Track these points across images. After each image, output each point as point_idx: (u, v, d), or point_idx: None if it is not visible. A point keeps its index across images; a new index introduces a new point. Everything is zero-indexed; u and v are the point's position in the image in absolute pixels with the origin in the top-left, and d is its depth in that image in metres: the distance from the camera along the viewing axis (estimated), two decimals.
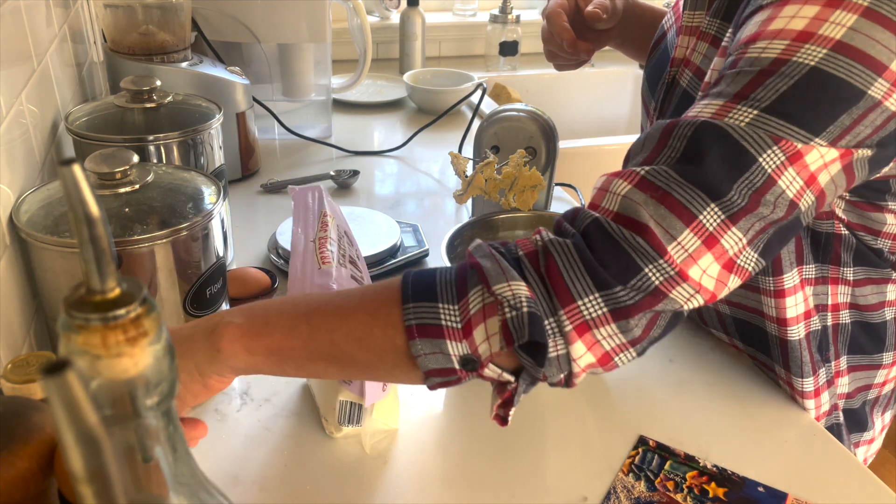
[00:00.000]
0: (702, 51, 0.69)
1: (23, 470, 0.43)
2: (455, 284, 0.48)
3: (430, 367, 0.47)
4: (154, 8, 1.00)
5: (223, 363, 0.50)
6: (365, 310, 0.49)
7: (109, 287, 0.26)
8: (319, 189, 0.69)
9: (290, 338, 0.49)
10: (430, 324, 0.47)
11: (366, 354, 0.49)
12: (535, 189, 0.83)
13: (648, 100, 0.81)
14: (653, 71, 0.81)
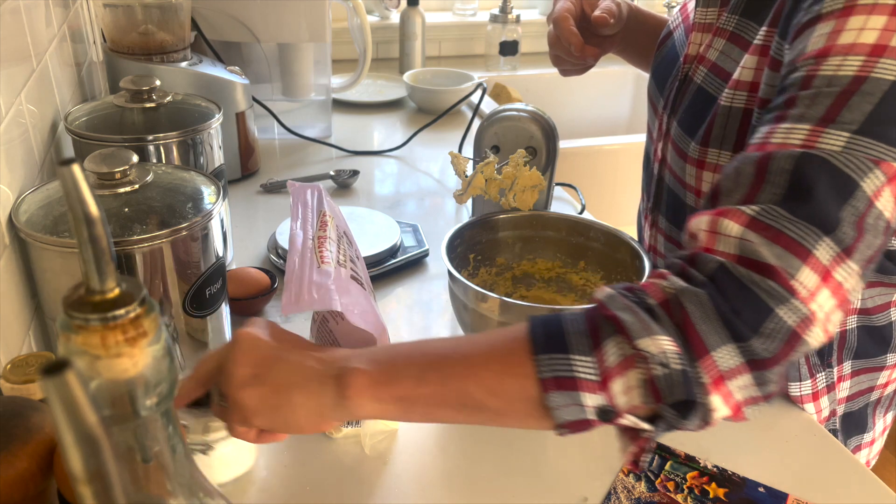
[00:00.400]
0: (718, 47, 0.69)
1: (22, 470, 0.43)
2: (588, 335, 0.47)
3: (565, 419, 0.47)
4: (154, 8, 1.00)
5: (349, 410, 0.49)
6: (496, 360, 0.49)
7: (109, 287, 0.26)
8: (319, 188, 0.69)
9: (419, 386, 0.49)
10: (565, 376, 0.46)
11: (497, 403, 0.49)
12: (535, 189, 0.82)
13: (657, 98, 0.82)
14: (660, 69, 0.82)
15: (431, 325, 0.84)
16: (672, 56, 0.79)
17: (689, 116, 0.72)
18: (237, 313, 0.81)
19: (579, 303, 0.82)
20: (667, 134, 0.76)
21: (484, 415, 0.50)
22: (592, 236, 0.83)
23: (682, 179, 0.74)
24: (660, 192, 0.81)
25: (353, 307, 0.57)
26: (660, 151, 0.79)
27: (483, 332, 0.53)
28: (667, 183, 0.78)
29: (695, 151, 0.70)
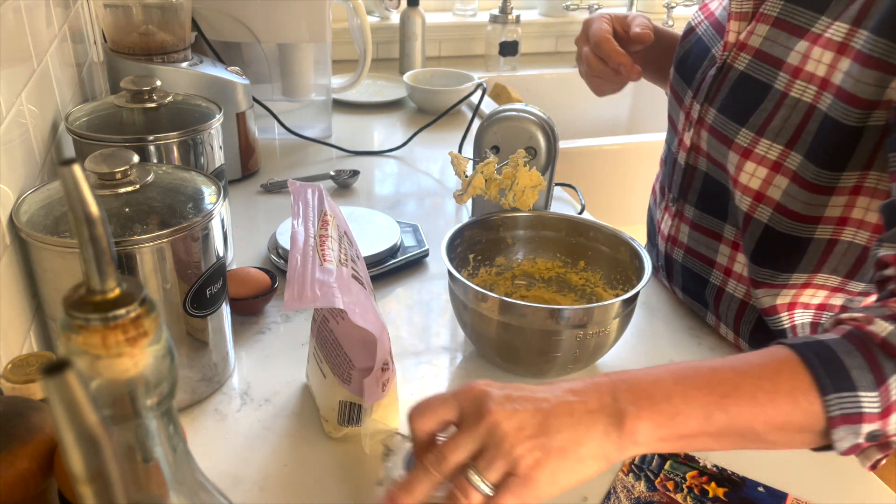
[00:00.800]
0: (761, 33, 0.71)
1: (23, 470, 0.43)
2: (869, 370, 0.50)
3: (844, 447, 0.51)
4: (154, 8, 1.00)
5: (630, 451, 0.49)
6: (782, 397, 0.50)
7: (109, 287, 0.26)
8: (320, 188, 0.69)
9: (705, 426, 0.50)
10: (852, 413, 0.50)
11: (778, 437, 0.51)
12: (535, 189, 0.83)
13: (682, 89, 0.83)
14: (686, 61, 0.84)
15: (431, 325, 0.84)
16: (700, 48, 0.81)
17: (733, 103, 0.73)
18: (237, 313, 0.81)
19: (579, 302, 0.82)
20: (699, 122, 0.78)
21: (757, 444, 0.52)
22: (592, 236, 0.83)
23: (724, 165, 0.75)
24: (688, 180, 0.82)
25: (354, 306, 0.57)
26: (689, 140, 0.80)
27: (746, 359, 0.53)
28: (700, 170, 0.80)
29: (745, 138, 0.71)
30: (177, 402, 0.28)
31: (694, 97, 0.80)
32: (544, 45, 2.04)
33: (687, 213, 0.84)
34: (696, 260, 0.84)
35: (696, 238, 0.83)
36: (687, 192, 0.83)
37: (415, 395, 0.72)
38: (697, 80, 0.80)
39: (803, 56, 0.67)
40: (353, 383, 0.63)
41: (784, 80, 0.68)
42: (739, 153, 0.72)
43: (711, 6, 0.85)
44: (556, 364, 0.71)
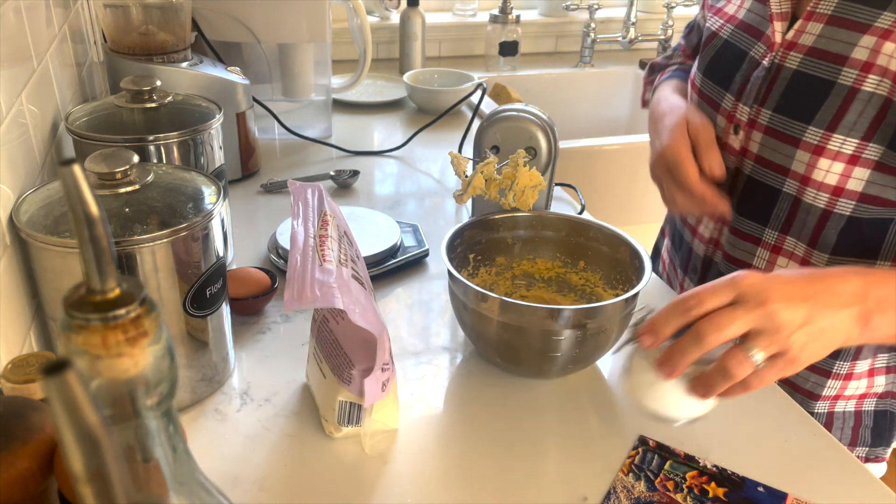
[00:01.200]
0: (814, 31, 0.72)
1: (23, 470, 0.43)
2: None
3: None
4: (154, 8, 1.00)
5: (867, 339, 0.60)
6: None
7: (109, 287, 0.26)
8: (320, 188, 0.69)
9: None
10: None
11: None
12: (535, 189, 0.83)
13: (717, 93, 0.83)
14: (718, 67, 0.84)
15: (431, 325, 0.84)
16: (732, 52, 0.81)
17: (792, 102, 0.73)
18: (237, 313, 0.81)
19: (579, 302, 0.82)
20: (750, 124, 0.78)
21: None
22: (592, 236, 0.83)
23: (783, 166, 0.75)
24: (733, 185, 0.82)
25: (354, 306, 0.57)
26: (736, 144, 0.80)
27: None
28: (744, 174, 0.80)
29: (814, 136, 0.71)
30: (177, 402, 0.28)
31: (737, 100, 0.80)
32: (544, 45, 2.05)
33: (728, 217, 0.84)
34: (736, 266, 0.84)
35: (735, 242, 0.84)
36: (730, 196, 0.82)
37: (415, 395, 0.72)
38: (738, 83, 0.79)
39: (872, 51, 0.68)
40: (353, 383, 0.63)
41: (851, 76, 0.69)
42: (810, 151, 0.72)
43: (727, 9, 0.85)
44: (556, 364, 0.71)
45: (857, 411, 0.84)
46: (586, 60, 1.97)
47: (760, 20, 0.78)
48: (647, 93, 1.09)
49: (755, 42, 0.78)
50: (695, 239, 0.91)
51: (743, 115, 0.79)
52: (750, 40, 0.79)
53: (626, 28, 1.99)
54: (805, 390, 0.83)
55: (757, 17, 0.79)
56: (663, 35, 2.00)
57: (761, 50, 0.77)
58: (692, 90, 0.89)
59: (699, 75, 0.87)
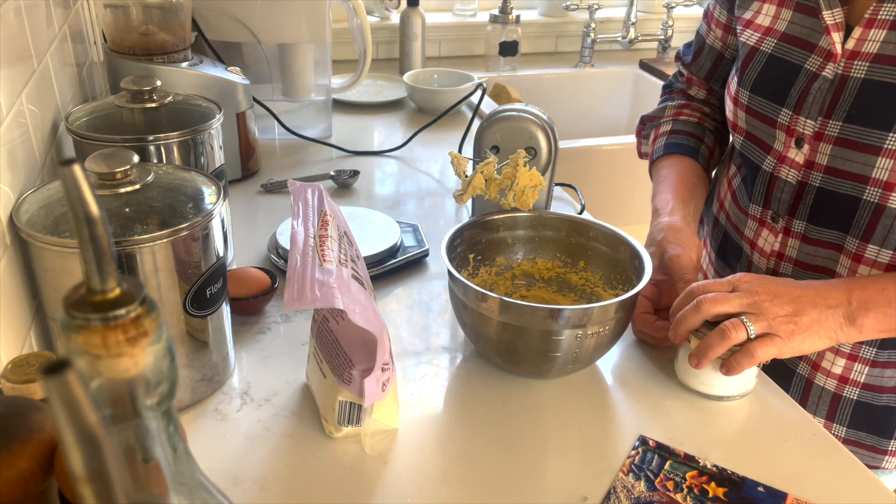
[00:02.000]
0: (878, 38, 0.72)
1: (23, 470, 0.43)
2: None
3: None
4: (154, 8, 1.00)
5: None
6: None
7: (109, 287, 0.26)
8: (320, 188, 0.69)
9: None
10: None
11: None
12: (535, 189, 0.83)
13: (771, 110, 0.82)
14: (769, 83, 0.83)
15: (431, 325, 0.84)
16: (781, 66, 0.81)
17: (865, 111, 0.73)
18: (238, 313, 0.81)
19: (579, 303, 0.82)
20: (817, 137, 0.77)
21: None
22: (592, 236, 0.83)
23: (862, 175, 0.75)
24: (798, 196, 0.82)
25: (353, 306, 0.57)
26: (800, 158, 0.80)
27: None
28: (813, 185, 0.79)
29: (894, 142, 0.72)
30: (177, 402, 0.28)
31: (797, 113, 0.79)
32: (544, 45, 2.05)
33: (796, 229, 0.83)
34: (809, 272, 0.83)
35: (812, 252, 0.82)
36: (796, 207, 0.82)
37: (415, 394, 0.72)
38: (795, 97, 0.79)
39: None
40: (353, 383, 0.63)
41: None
42: (894, 157, 0.72)
43: (760, 21, 0.84)
44: (556, 364, 0.71)
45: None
46: (586, 60, 1.97)
47: (810, 32, 0.77)
48: (643, 146, 1.08)
49: (808, 55, 0.77)
50: (754, 252, 0.89)
51: (807, 129, 0.78)
52: (802, 53, 0.78)
53: (625, 28, 1.99)
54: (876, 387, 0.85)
55: (804, 28, 0.78)
56: (663, 35, 2.00)
57: (818, 62, 0.76)
58: (736, 107, 0.87)
59: (745, 93, 0.85)
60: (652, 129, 1.05)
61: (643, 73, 1.98)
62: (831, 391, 0.85)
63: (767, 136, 0.83)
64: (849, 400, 0.85)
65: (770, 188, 0.84)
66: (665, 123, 1.02)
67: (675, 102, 1.04)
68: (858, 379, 0.83)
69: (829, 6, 0.75)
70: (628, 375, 0.76)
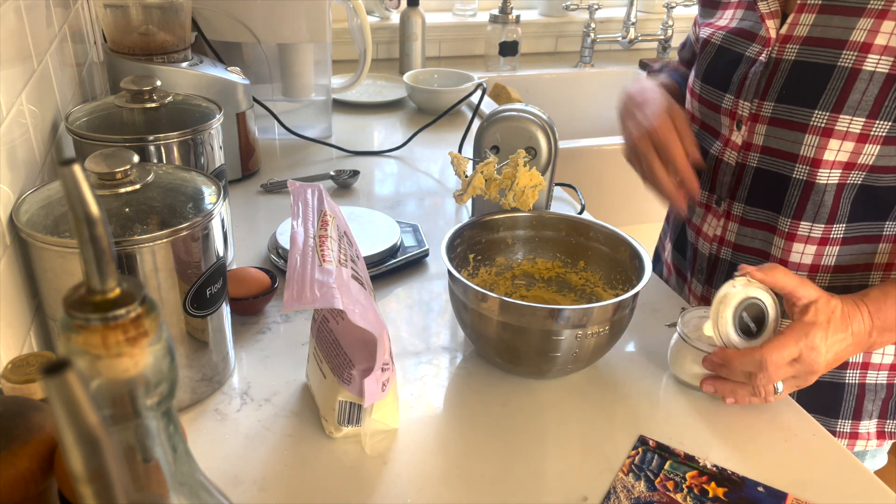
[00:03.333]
0: (807, 22, 0.76)
1: (23, 470, 0.43)
2: None
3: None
4: (154, 8, 1.00)
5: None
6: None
7: (109, 287, 0.26)
8: (320, 188, 0.69)
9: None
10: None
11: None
12: (535, 189, 0.83)
13: (716, 96, 0.86)
14: (717, 71, 0.86)
15: (431, 325, 0.84)
16: (728, 55, 0.84)
17: (794, 91, 0.76)
18: (238, 313, 0.81)
19: (579, 303, 0.82)
20: (753, 118, 0.80)
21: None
22: (592, 236, 0.83)
23: (791, 153, 0.78)
24: (738, 178, 0.85)
25: (353, 306, 0.57)
26: (739, 139, 0.83)
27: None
28: (750, 166, 0.83)
29: (821, 119, 0.74)
30: (177, 402, 0.28)
31: (737, 97, 0.82)
32: (544, 45, 2.05)
33: (735, 212, 0.86)
34: (746, 255, 0.87)
35: (749, 234, 0.86)
36: (736, 190, 0.85)
37: (415, 394, 0.72)
38: (737, 82, 0.82)
39: (870, 31, 0.71)
40: (353, 383, 0.63)
41: (851, 57, 0.72)
42: (819, 134, 0.75)
43: (719, 22, 0.88)
44: (556, 364, 0.71)
45: (888, 384, 0.86)
46: (586, 60, 1.97)
47: (753, 24, 0.81)
48: None
49: (750, 43, 0.81)
50: (699, 238, 0.92)
51: (744, 111, 0.81)
52: (744, 42, 0.82)
53: (625, 28, 1.99)
54: None
55: (749, 22, 0.82)
56: (663, 35, 2.00)
57: (756, 49, 0.80)
58: (692, 98, 0.92)
59: (698, 82, 0.89)
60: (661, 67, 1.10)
61: (643, 73, 1.98)
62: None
63: (715, 122, 0.87)
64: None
65: (715, 172, 0.88)
66: (665, 67, 1.09)
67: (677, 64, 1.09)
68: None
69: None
70: (628, 375, 0.76)
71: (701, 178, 0.87)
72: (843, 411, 0.86)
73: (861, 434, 0.87)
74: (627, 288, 0.77)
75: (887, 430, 0.87)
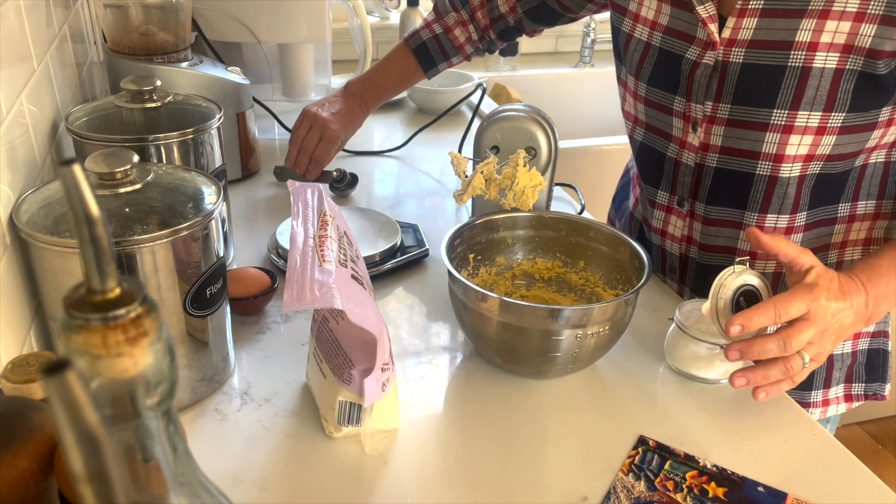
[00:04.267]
0: (750, 26, 0.76)
1: (23, 470, 0.43)
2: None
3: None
4: (154, 8, 1.00)
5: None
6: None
7: (109, 287, 0.26)
8: (320, 188, 0.69)
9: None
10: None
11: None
12: (535, 189, 0.83)
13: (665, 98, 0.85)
14: (660, 73, 0.85)
15: (431, 325, 0.84)
16: (669, 58, 0.83)
17: (749, 92, 0.77)
18: (238, 313, 0.81)
19: (579, 302, 0.82)
20: (709, 120, 0.81)
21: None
22: (592, 236, 0.83)
23: (753, 151, 0.79)
24: (697, 179, 0.85)
25: (353, 306, 0.57)
26: (696, 141, 0.83)
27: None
28: (709, 167, 0.83)
29: (780, 118, 0.76)
30: (177, 402, 0.28)
31: (689, 100, 0.82)
32: (544, 45, 2.05)
33: (698, 211, 0.86)
34: (714, 254, 0.87)
35: (714, 232, 0.86)
36: (696, 190, 0.86)
37: (415, 394, 0.72)
38: (684, 84, 0.82)
39: (814, 31, 0.72)
40: (353, 383, 0.63)
41: (800, 57, 0.73)
42: (780, 131, 0.77)
43: (645, 14, 0.85)
44: (556, 364, 0.71)
45: (853, 351, 0.89)
46: (586, 60, 1.97)
47: (688, 25, 0.81)
48: None
49: (688, 45, 0.81)
50: (665, 240, 0.92)
51: (698, 114, 0.82)
52: (682, 45, 0.82)
53: None
54: None
55: (683, 22, 0.81)
56: None
57: (696, 51, 0.80)
58: (635, 100, 0.91)
59: (642, 85, 0.88)
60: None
61: None
62: None
63: (666, 125, 0.87)
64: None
65: (675, 173, 0.88)
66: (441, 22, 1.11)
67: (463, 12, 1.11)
68: None
69: (701, 1, 0.78)
70: (628, 375, 0.76)
71: None
72: (815, 382, 0.89)
73: (831, 400, 0.90)
74: (627, 288, 0.78)
75: (854, 392, 0.91)
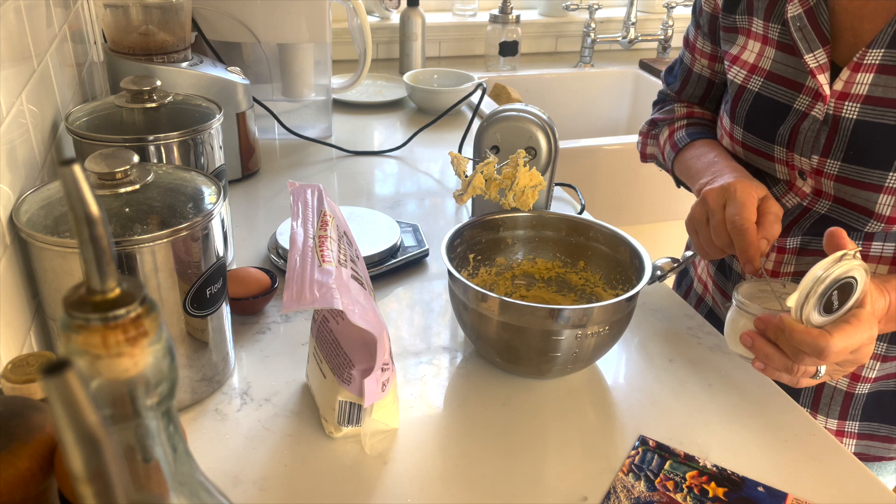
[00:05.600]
0: (865, 81, 0.72)
1: (23, 470, 0.43)
2: None
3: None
4: (154, 8, 1.00)
5: None
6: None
7: (109, 287, 0.26)
8: (319, 188, 0.69)
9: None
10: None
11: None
12: (535, 189, 0.83)
13: (764, 146, 0.82)
14: (760, 118, 0.82)
15: (431, 325, 0.84)
16: (770, 104, 0.80)
17: (862, 151, 0.73)
18: (238, 313, 0.81)
19: (579, 303, 0.82)
20: (817, 172, 0.77)
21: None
22: (592, 236, 0.83)
23: (866, 209, 0.75)
24: (797, 218, 0.82)
25: (353, 306, 0.57)
26: (807, 188, 0.80)
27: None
28: (817, 212, 0.80)
29: (894, 181, 0.72)
30: (177, 402, 0.28)
31: (791, 150, 0.79)
32: (544, 45, 2.05)
33: (790, 245, 0.84)
34: None
35: (806, 262, 0.83)
36: (791, 227, 0.83)
37: (415, 394, 0.72)
38: (785, 134, 0.78)
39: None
40: (353, 383, 0.63)
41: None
42: (894, 195, 0.73)
43: (746, 58, 0.83)
44: (556, 364, 0.71)
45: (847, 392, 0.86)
46: (586, 60, 1.97)
47: (795, 72, 0.77)
48: (649, 146, 1.03)
49: (796, 94, 0.77)
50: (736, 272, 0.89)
51: (804, 165, 0.78)
52: (788, 92, 0.78)
53: (625, 28, 1.99)
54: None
55: (788, 68, 0.78)
56: (663, 35, 2.00)
57: (806, 101, 0.76)
58: (731, 142, 0.86)
59: (739, 129, 0.84)
60: (665, 126, 1.00)
61: (643, 73, 1.98)
62: (843, 390, 0.86)
63: (770, 168, 0.83)
64: (861, 395, 0.86)
65: None
66: (679, 120, 0.99)
67: (683, 104, 1.01)
68: (870, 375, 0.85)
69: (811, 48, 0.74)
70: (628, 375, 0.76)
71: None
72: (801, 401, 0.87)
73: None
74: (627, 288, 0.77)
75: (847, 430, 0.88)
